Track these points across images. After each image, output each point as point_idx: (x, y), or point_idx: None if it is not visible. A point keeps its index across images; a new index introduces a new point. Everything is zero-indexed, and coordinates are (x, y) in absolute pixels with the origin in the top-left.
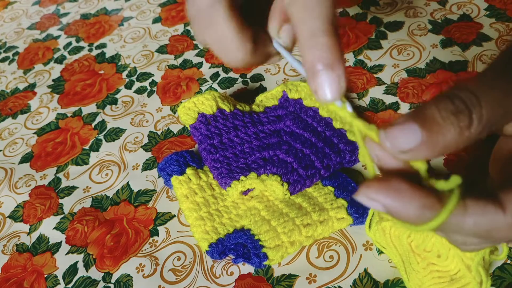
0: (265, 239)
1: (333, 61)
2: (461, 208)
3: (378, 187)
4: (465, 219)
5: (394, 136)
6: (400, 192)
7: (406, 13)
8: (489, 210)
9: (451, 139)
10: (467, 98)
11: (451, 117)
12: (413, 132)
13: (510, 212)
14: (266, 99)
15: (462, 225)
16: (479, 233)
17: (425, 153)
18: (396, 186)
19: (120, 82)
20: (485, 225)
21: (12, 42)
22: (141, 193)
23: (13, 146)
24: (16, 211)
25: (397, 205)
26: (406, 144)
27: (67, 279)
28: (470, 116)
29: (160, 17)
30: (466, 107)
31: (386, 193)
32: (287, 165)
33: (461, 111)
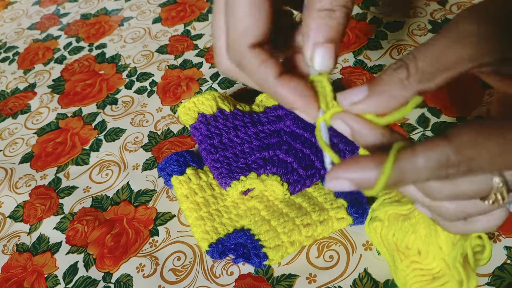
0: (265, 239)
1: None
2: (409, 152)
3: (340, 167)
4: (416, 159)
5: (346, 94)
6: (359, 164)
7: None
8: (434, 143)
9: (395, 90)
10: (406, 57)
11: (392, 73)
12: (361, 89)
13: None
14: (266, 99)
15: (415, 167)
16: (432, 170)
17: (372, 104)
18: (355, 161)
19: (120, 82)
20: (434, 159)
21: (12, 42)
22: (141, 193)
23: (13, 146)
24: (16, 211)
25: (359, 175)
26: (356, 97)
27: (67, 279)
28: (407, 68)
29: (160, 17)
30: (404, 62)
31: (348, 169)
32: (287, 165)
33: (400, 66)
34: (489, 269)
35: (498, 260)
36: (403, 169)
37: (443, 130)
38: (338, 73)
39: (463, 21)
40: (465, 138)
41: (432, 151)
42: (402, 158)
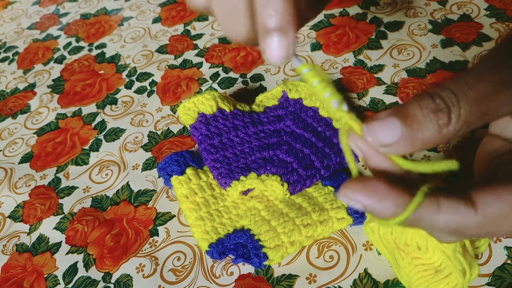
0: (265, 239)
1: (286, 25)
2: (434, 206)
3: (356, 188)
4: (438, 216)
5: (375, 131)
6: (377, 192)
7: (406, 13)
8: (460, 209)
9: (430, 135)
10: (448, 97)
11: (431, 114)
12: (393, 127)
13: (480, 211)
14: (266, 99)
15: (435, 222)
16: (450, 230)
17: (405, 148)
18: (373, 186)
19: (120, 82)
20: (456, 223)
21: (12, 42)
22: (141, 193)
23: (13, 146)
24: (16, 211)
25: (374, 204)
26: (386, 139)
27: (67, 279)
28: (449, 115)
29: (160, 17)
30: (446, 106)
31: (364, 193)
32: (287, 165)
33: (441, 110)
34: (489, 269)
35: (498, 260)
36: (422, 219)
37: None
38: (338, 73)
39: None
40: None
41: (455, 216)
42: (424, 209)
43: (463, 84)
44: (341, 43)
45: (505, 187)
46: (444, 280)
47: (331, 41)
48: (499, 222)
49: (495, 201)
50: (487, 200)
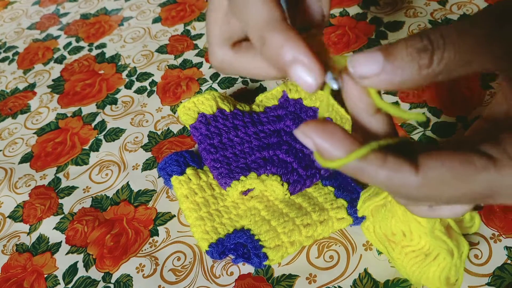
0: (265, 239)
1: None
2: (380, 160)
3: (315, 127)
4: (380, 170)
5: (358, 61)
6: (332, 135)
7: (406, 13)
8: (402, 168)
9: (409, 74)
10: (435, 40)
11: (414, 53)
12: (375, 60)
13: (421, 173)
14: (266, 99)
15: (377, 175)
16: (391, 188)
17: (383, 82)
18: (331, 129)
19: (120, 82)
20: (397, 181)
21: (12, 42)
22: (141, 193)
23: (13, 146)
24: (16, 211)
25: (324, 144)
26: (367, 70)
27: (67, 279)
28: (431, 56)
29: (160, 17)
30: (431, 47)
31: (319, 133)
32: (287, 165)
33: (424, 50)
34: (489, 269)
35: (498, 260)
36: (364, 170)
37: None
38: None
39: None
40: (432, 174)
41: (396, 174)
42: (370, 160)
43: (454, 30)
44: (341, 43)
45: (453, 154)
46: (434, 262)
47: (331, 41)
48: (439, 188)
49: (438, 166)
50: (430, 164)
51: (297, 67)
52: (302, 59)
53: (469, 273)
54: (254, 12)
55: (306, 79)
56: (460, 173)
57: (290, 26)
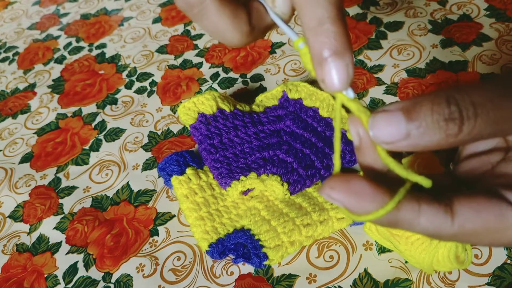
0: (265, 239)
1: (341, 49)
2: (415, 210)
3: (339, 187)
4: (417, 221)
5: (379, 125)
6: (359, 195)
7: (406, 13)
8: (439, 217)
9: (434, 141)
10: (464, 108)
11: (441, 122)
12: (398, 126)
13: (457, 223)
14: (266, 99)
15: (414, 226)
16: (427, 234)
17: (405, 147)
18: (356, 188)
19: (120, 82)
20: (432, 230)
21: (12, 42)
22: (141, 193)
23: (13, 146)
24: (16, 211)
25: (356, 205)
26: (388, 136)
27: (67, 279)
28: (460, 127)
29: (160, 17)
30: (460, 116)
31: (346, 194)
32: (287, 165)
33: (453, 119)
34: (489, 269)
35: (498, 260)
36: (399, 223)
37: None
38: None
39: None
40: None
41: (433, 223)
42: (405, 211)
43: (487, 96)
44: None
45: (489, 202)
46: (440, 244)
47: None
48: (473, 237)
49: (474, 217)
50: (466, 215)
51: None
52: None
53: (469, 273)
54: None
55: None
56: (494, 227)
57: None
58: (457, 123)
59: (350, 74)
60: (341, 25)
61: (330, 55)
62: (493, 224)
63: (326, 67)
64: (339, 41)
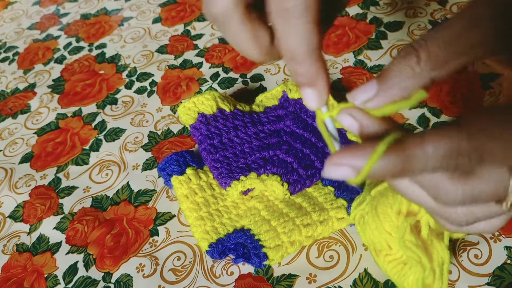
0: (265, 239)
1: (313, 79)
2: (418, 139)
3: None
4: (424, 146)
5: (357, 93)
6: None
7: (406, 13)
8: (446, 131)
9: (406, 79)
10: (415, 43)
11: (402, 61)
12: (371, 86)
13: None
14: (266, 99)
15: (423, 155)
16: (441, 158)
17: (384, 97)
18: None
19: (120, 82)
20: (445, 146)
21: (12, 42)
22: (141, 193)
23: (13, 146)
24: (16, 211)
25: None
26: (366, 95)
27: (67, 279)
28: (417, 54)
29: (160, 17)
30: (413, 48)
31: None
32: (287, 165)
33: (408, 53)
34: (489, 269)
35: (498, 260)
36: (411, 156)
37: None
38: (338, 73)
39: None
40: (478, 125)
41: (443, 138)
42: (410, 145)
43: (432, 31)
44: (341, 43)
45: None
46: (410, 271)
47: (331, 41)
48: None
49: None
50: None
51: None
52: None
53: (469, 273)
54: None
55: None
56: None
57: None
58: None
59: (324, 98)
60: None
61: (305, 83)
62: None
63: (303, 92)
64: (314, 74)
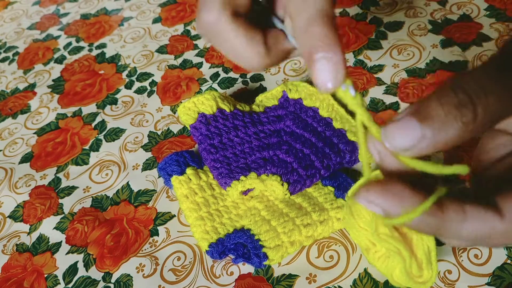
0: (265, 239)
1: (330, 49)
2: (460, 214)
3: (376, 190)
4: (464, 225)
5: (393, 135)
6: (398, 195)
7: (406, 13)
8: (488, 218)
9: (454, 134)
10: (472, 90)
11: (453, 111)
12: (412, 130)
13: (507, 218)
14: (266, 99)
15: (460, 231)
16: (475, 239)
17: (426, 150)
18: (396, 190)
19: (120, 82)
20: (482, 232)
21: (12, 42)
22: (141, 193)
23: (13, 146)
24: (16, 211)
25: (394, 206)
26: (405, 142)
27: (67, 279)
28: (474, 110)
29: (160, 17)
30: (470, 100)
31: (384, 197)
32: (287, 165)
33: (464, 105)
34: (489, 269)
35: (498, 260)
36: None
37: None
38: None
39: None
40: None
41: (483, 224)
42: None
43: (488, 74)
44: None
45: None
46: (395, 264)
47: None
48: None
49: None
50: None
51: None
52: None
53: (469, 273)
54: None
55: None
56: None
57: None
58: (470, 108)
59: (341, 73)
60: (329, 26)
61: (319, 56)
62: None
63: (316, 68)
64: (328, 41)
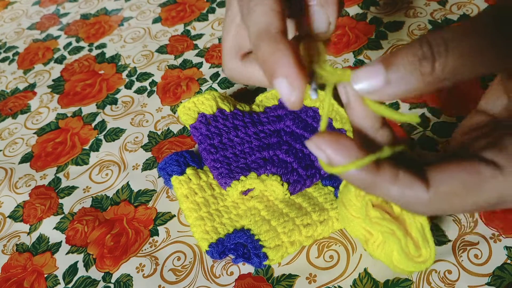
0: (265, 239)
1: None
2: (392, 176)
3: (328, 140)
4: (392, 187)
5: (360, 77)
6: (341, 145)
7: (406, 13)
8: (414, 185)
9: (414, 84)
10: (436, 45)
11: (416, 62)
12: (377, 74)
13: (432, 189)
14: (266, 99)
15: (389, 191)
16: (402, 203)
17: (388, 93)
18: (340, 140)
19: (120, 82)
20: (407, 198)
21: (12, 42)
22: (141, 193)
23: (13, 146)
24: (16, 211)
25: (339, 159)
26: (370, 86)
27: (67, 279)
28: (432, 64)
29: (160, 17)
30: (431, 53)
31: (328, 143)
32: (287, 165)
33: (425, 58)
34: (489, 269)
35: (498, 260)
36: (377, 185)
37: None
38: None
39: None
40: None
41: (408, 191)
42: (382, 176)
43: (455, 34)
44: (341, 43)
45: (459, 165)
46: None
47: (331, 41)
48: (450, 200)
49: (447, 179)
50: (440, 178)
51: (279, 80)
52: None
53: (469, 273)
54: (254, 19)
55: (285, 93)
56: (469, 184)
57: (283, 38)
58: (429, 61)
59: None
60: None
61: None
62: (467, 181)
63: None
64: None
